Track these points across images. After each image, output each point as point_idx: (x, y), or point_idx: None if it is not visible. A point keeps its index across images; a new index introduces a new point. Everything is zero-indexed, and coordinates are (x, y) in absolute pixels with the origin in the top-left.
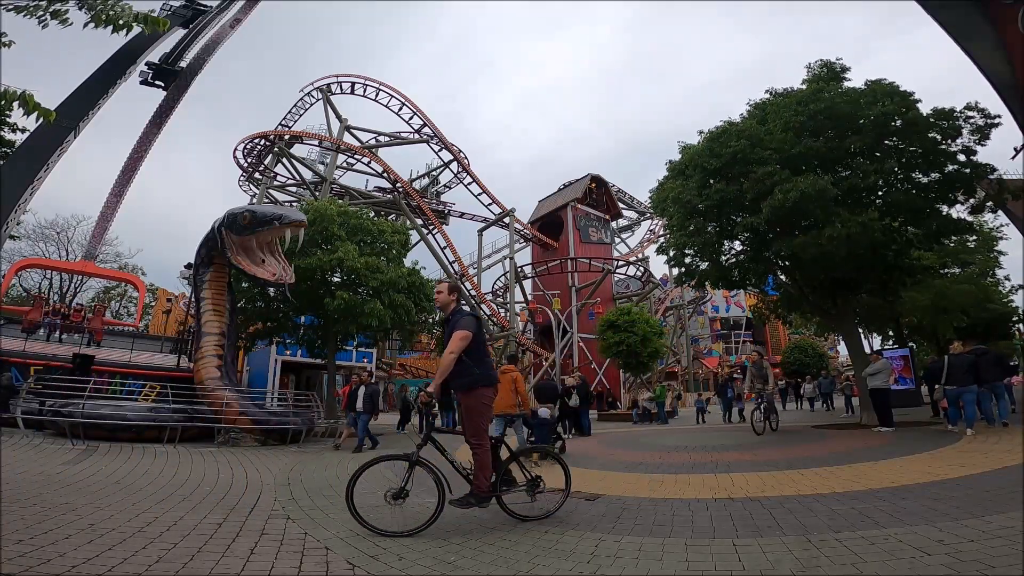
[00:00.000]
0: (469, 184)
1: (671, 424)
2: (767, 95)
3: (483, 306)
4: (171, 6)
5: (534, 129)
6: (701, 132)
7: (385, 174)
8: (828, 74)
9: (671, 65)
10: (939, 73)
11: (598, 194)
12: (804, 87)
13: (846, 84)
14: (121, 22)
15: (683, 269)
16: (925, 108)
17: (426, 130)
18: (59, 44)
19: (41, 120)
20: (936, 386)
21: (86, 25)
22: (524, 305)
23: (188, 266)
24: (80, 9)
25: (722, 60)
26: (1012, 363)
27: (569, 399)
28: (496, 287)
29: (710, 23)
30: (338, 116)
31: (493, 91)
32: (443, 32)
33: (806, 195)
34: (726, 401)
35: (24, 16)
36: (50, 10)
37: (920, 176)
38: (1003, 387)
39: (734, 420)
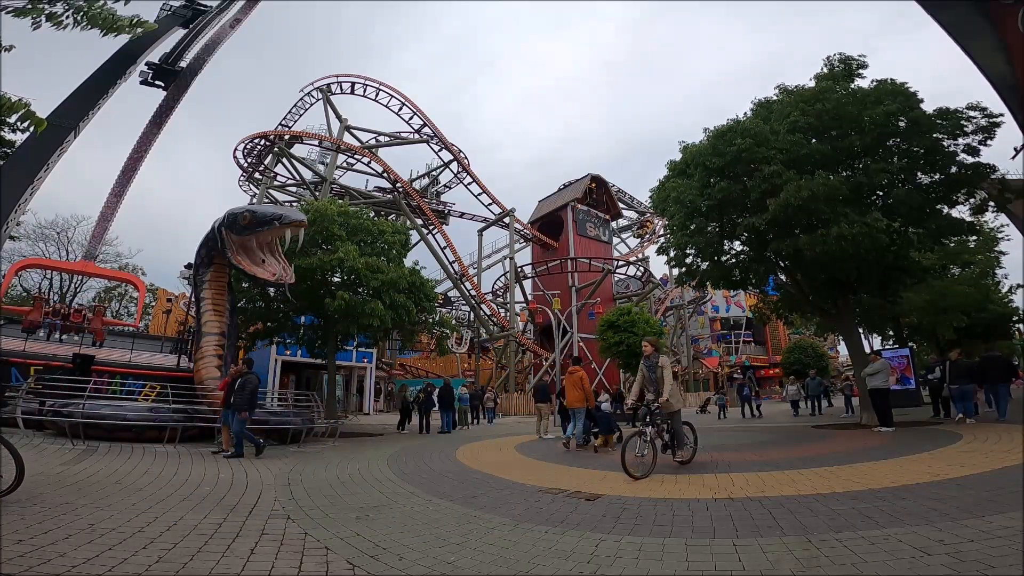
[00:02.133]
0: (469, 184)
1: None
2: (775, 92)
3: (483, 306)
4: (171, 6)
5: (535, 128)
6: (706, 129)
7: (385, 174)
8: (843, 70)
9: (673, 64)
10: (940, 74)
11: (598, 194)
12: (813, 84)
13: (857, 83)
14: (116, 25)
15: (684, 269)
16: (927, 108)
17: (426, 130)
18: (60, 44)
19: (35, 126)
20: (944, 384)
21: (82, 28)
22: (524, 305)
23: (188, 266)
24: (68, 13)
25: (724, 60)
26: (1014, 363)
27: (565, 399)
28: (496, 287)
29: (712, 23)
30: (338, 116)
31: (495, 90)
32: (444, 31)
33: (815, 195)
34: (744, 398)
35: (19, 17)
36: (45, 13)
37: (923, 177)
38: (1005, 388)
39: (751, 416)
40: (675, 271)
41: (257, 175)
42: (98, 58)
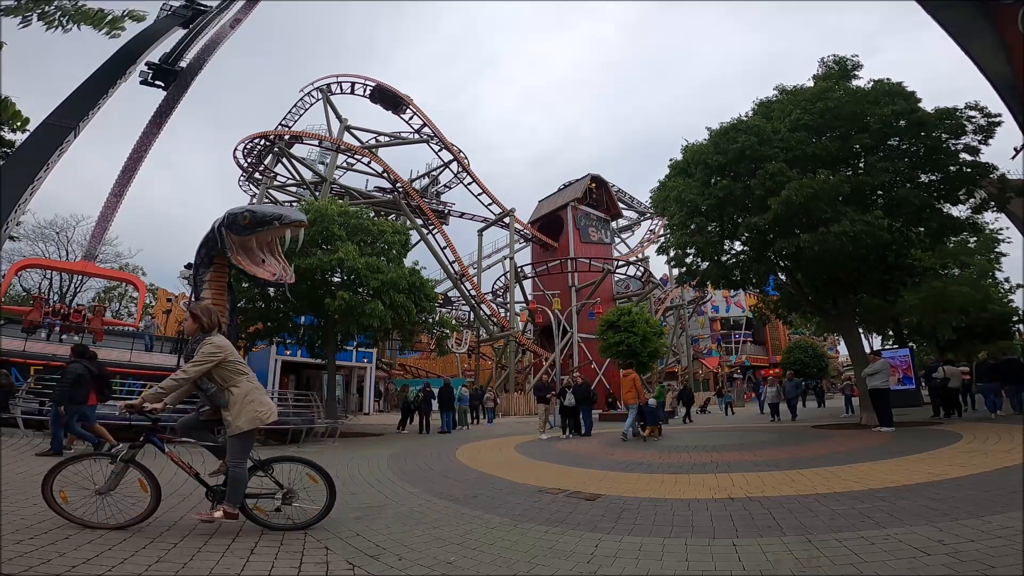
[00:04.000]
0: (469, 184)
1: (671, 424)
2: (775, 92)
3: (483, 306)
4: (171, 6)
5: (536, 128)
6: (709, 128)
7: (385, 174)
8: (839, 71)
9: (673, 65)
10: (940, 74)
11: (598, 194)
12: (813, 84)
13: (855, 83)
14: (104, 23)
15: (684, 269)
16: (926, 107)
17: (426, 130)
18: (60, 44)
19: (28, 123)
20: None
21: (67, 30)
22: (524, 305)
23: (188, 266)
24: (57, 15)
25: (724, 60)
26: None
27: (564, 398)
28: (496, 287)
29: (712, 23)
30: (338, 116)
31: (495, 90)
32: (445, 31)
33: (817, 193)
34: (760, 395)
35: (9, 16)
36: (36, 12)
37: (924, 176)
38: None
39: (766, 411)
40: (675, 271)
41: (257, 175)
42: (98, 58)
